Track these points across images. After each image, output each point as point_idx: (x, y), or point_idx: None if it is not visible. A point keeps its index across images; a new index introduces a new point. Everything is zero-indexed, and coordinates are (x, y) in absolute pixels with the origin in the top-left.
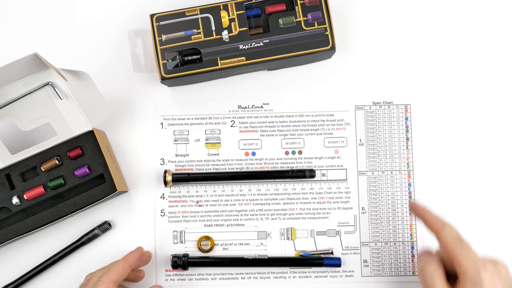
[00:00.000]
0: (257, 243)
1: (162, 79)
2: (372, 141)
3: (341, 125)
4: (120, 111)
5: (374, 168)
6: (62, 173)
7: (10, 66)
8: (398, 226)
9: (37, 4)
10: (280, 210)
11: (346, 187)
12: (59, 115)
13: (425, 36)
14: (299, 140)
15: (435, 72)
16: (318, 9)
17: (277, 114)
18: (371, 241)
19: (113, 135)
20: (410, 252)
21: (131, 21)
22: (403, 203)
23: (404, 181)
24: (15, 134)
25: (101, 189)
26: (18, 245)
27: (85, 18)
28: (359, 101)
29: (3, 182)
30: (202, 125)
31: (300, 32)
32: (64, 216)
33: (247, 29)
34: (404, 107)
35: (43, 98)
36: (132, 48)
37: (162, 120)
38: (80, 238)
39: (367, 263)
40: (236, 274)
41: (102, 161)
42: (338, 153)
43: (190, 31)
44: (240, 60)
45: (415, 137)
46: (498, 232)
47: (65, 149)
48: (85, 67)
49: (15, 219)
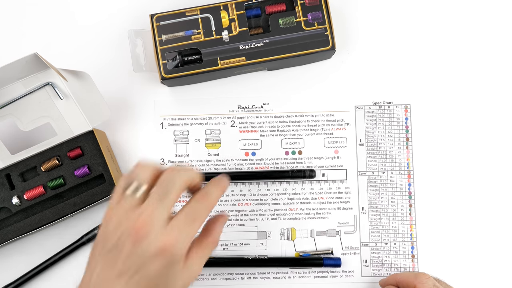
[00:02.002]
0: (257, 243)
1: (162, 79)
2: (372, 141)
3: (341, 125)
4: (120, 111)
5: (374, 168)
6: (62, 173)
7: (10, 66)
8: (398, 226)
9: (37, 4)
10: (280, 210)
11: (346, 187)
12: (59, 115)
13: (425, 36)
14: (299, 140)
15: (435, 72)
16: (318, 9)
17: (277, 114)
18: (371, 241)
19: (113, 135)
20: (410, 253)
21: (131, 21)
22: (403, 203)
23: (404, 181)
24: (15, 134)
25: (101, 189)
26: (18, 245)
27: (85, 18)
28: (359, 101)
29: (3, 182)
30: (202, 125)
31: (300, 32)
32: (64, 216)
33: (247, 29)
34: (404, 107)
35: (43, 98)
36: (132, 48)
37: (162, 120)
38: (80, 238)
39: (367, 263)
40: (236, 274)
41: (102, 161)
42: (338, 153)
43: (190, 31)
44: (240, 60)
45: (415, 137)
46: (498, 232)
47: (65, 149)
48: (85, 67)
49: (15, 219)
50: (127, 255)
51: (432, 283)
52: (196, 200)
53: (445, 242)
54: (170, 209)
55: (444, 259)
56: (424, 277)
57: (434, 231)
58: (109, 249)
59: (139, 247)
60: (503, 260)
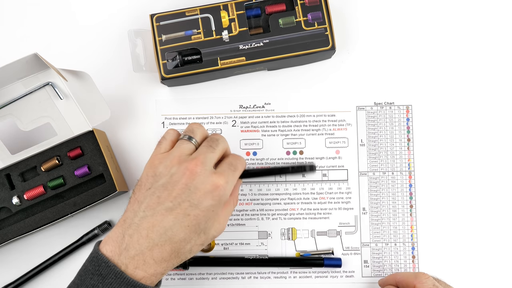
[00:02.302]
0: (258, 243)
1: (162, 79)
2: (373, 141)
3: (342, 126)
4: (120, 111)
5: (375, 168)
6: (62, 173)
7: (10, 66)
8: (399, 227)
9: (38, 4)
10: (281, 210)
11: (347, 187)
12: (59, 115)
13: (426, 36)
14: (300, 140)
15: (436, 72)
16: (318, 9)
17: (278, 114)
18: (371, 242)
19: (113, 135)
20: (411, 253)
21: (131, 21)
22: (404, 204)
23: (405, 182)
24: (15, 134)
25: (101, 189)
26: (18, 245)
27: (85, 18)
28: (361, 102)
29: (3, 182)
30: (203, 125)
31: (300, 32)
32: (64, 216)
33: (247, 29)
34: (405, 108)
35: (43, 98)
36: (132, 48)
37: (163, 120)
38: (80, 238)
39: (368, 263)
40: (236, 274)
41: (102, 161)
42: (339, 153)
43: (190, 31)
44: (240, 60)
45: (417, 138)
46: (498, 233)
47: (65, 149)
48: (85, 67)
49: (15, 219)
50: (181, 189)
51: (431, 283)
52: (233, 157)
53: (446, 243)
54: (216, 159)
55: (445, 260)
56: (424, 277)
57: (435, 232)
58: (162, 184)
59: (193, 183)
60: (503, 260)
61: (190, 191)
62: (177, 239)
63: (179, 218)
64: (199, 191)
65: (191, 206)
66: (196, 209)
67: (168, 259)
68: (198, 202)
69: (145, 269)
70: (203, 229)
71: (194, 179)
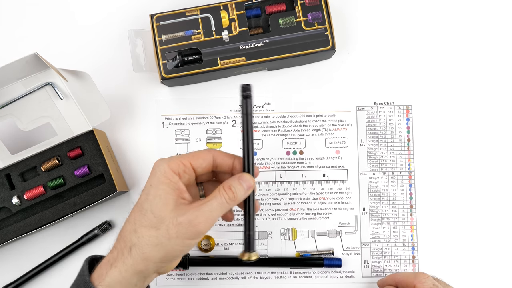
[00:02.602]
0: (258, 243)
1: (162, 79)
2: (373, 141)
3: (342, 126)
4: (120, 111)
5: (375, 168)
6: (62, 173)
7: (10, 66)
8: (399, 227)
9: (37, 4)
10: (281, 210)
11: (347, 187)
12: (59, 115)
13: (426, 36)
14: (300, 140)
15: (436, 72)
16: (318, 9)
17: (278, 114)
18: (371, 242)
19: (113, 135)
20: (411, 253)
21: (131, 21)
22: (404, 204)
23: (405, 182)
24: (15, 134)
25: (101, 189)
26: (18, 245)
27: (85, 18)
28: (361, 102)
29: (3, 182)
30: (203, 125)
31: (300, 32)
32: (64, 216)
33: (247, 29)
34: (405, 108)
35: (43, 98)
36: (132, 48)
37: (163, 120)
38: (80, 238)
39: (368, 263)
40: (236, 274)
41: (102, 161)
42: (339, 153)
43: (190, 31)
44: (240, 60)
45: (417, 138)
46: (498, 233)
47: (65, 149)
48: (85, 67)
49: (15, 219)
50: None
51: (431, 282)
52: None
53: (446, 243)
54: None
55: (445, 260)
56: (423, 277)
57: (435, 232)
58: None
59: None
60: (503, 261)
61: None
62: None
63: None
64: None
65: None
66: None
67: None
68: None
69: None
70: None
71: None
